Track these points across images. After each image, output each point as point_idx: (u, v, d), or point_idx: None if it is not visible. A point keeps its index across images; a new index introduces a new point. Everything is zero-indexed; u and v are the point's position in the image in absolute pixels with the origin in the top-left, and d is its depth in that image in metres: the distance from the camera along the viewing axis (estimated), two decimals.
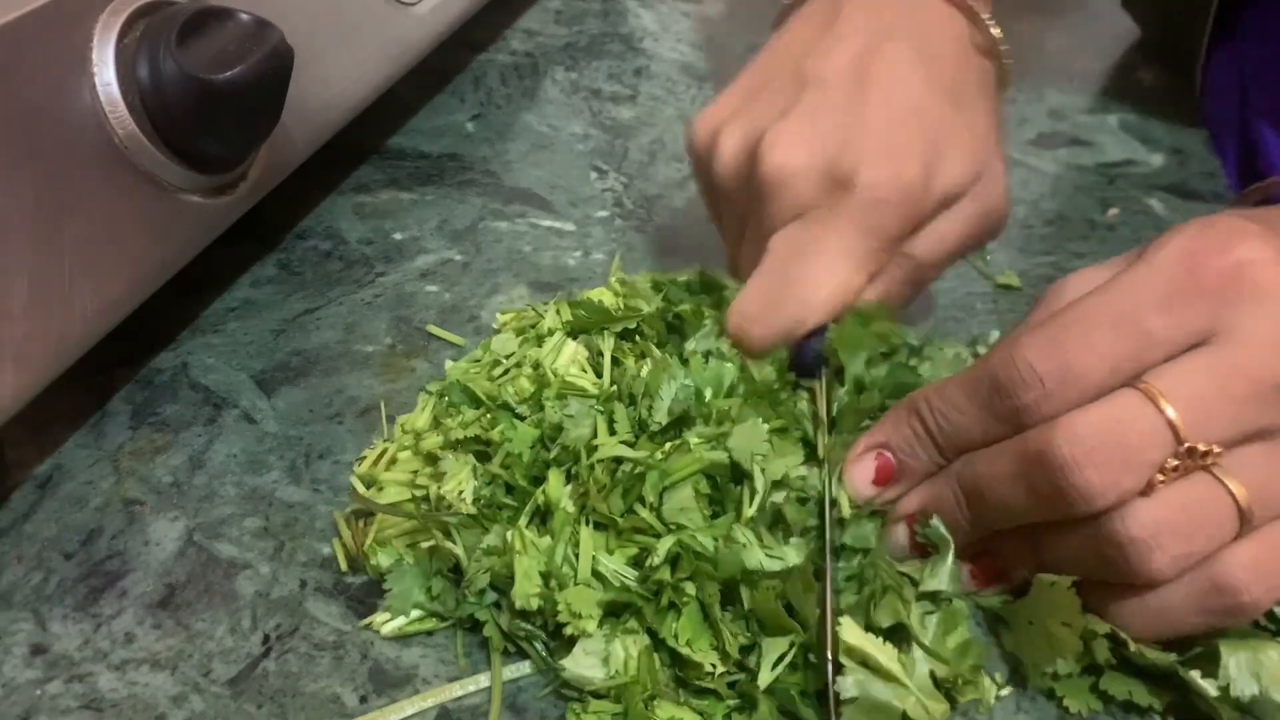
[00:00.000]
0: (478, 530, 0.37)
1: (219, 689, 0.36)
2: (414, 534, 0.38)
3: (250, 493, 0.43)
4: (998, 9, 0.46)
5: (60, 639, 0.37)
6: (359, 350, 0.49)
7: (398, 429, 0.43)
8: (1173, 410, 0.31)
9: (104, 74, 0.40)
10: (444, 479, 0.38)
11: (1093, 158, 0.62)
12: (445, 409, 0.42)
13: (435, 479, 0.39)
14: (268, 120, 0.45)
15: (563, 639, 0.35)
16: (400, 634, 0.37)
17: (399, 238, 0.56)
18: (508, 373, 0.43)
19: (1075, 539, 0.33)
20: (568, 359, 0.42)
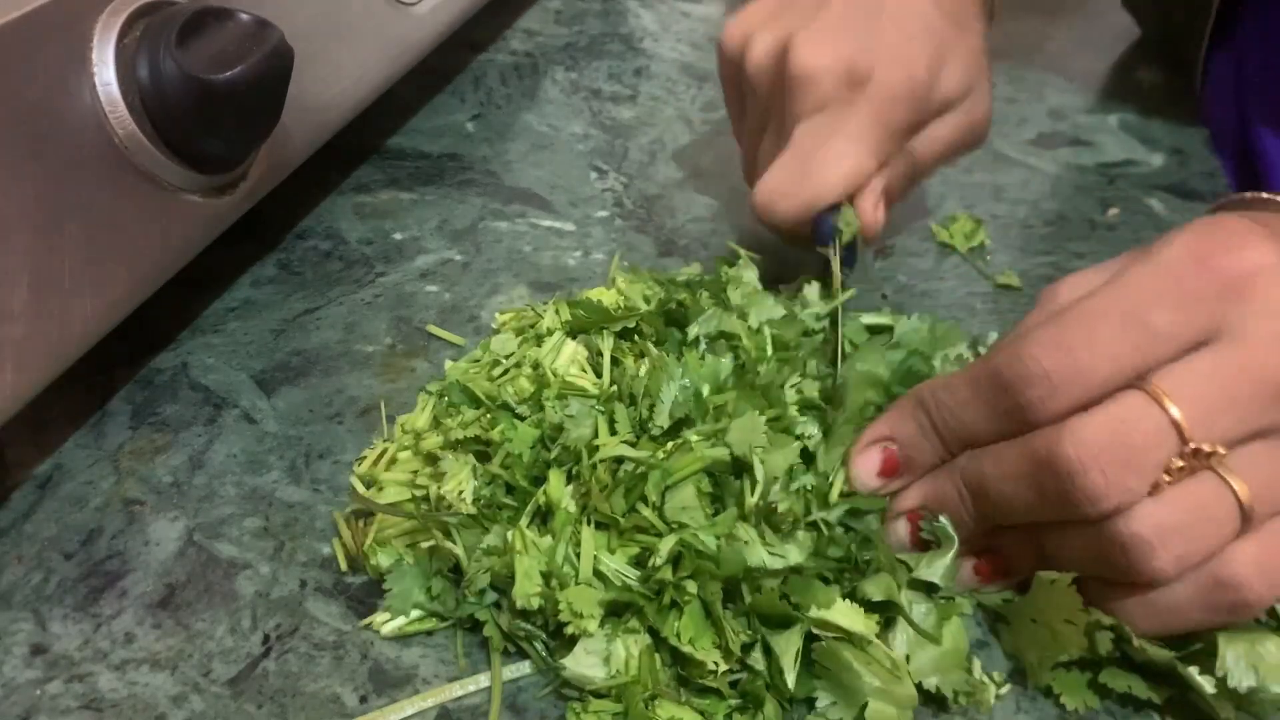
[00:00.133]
0: (478, 530, 0.37)
1: (219, 689, 0.36)
2: (414, 534, 0.38)
3: (250, 493, 0.43)
4: None
5: (60, 639, 0.37)
6: (359, 350, 0.49)
7: (398, 429, 0.43)
8: (1177, 410, 0.31)
9: (104, 74, 0.40)
10: (444, 479, 0.38)
11: (1093, 158, 0.62)
12: (445, 409, 0.42)
13: (435, 479, 0.39)
14: (268, 120, 0.45)
15: (563, 639, 0.35)
16: (400, 634, 0.37)
17: (399, 238, 0.56)
18: (507, 373, 0.43)
19: (1078, 537, 0.33)
20: (567, 359, 0.42)
